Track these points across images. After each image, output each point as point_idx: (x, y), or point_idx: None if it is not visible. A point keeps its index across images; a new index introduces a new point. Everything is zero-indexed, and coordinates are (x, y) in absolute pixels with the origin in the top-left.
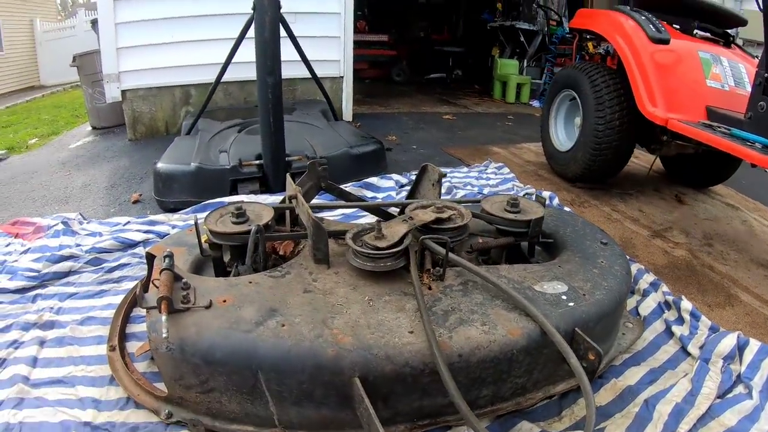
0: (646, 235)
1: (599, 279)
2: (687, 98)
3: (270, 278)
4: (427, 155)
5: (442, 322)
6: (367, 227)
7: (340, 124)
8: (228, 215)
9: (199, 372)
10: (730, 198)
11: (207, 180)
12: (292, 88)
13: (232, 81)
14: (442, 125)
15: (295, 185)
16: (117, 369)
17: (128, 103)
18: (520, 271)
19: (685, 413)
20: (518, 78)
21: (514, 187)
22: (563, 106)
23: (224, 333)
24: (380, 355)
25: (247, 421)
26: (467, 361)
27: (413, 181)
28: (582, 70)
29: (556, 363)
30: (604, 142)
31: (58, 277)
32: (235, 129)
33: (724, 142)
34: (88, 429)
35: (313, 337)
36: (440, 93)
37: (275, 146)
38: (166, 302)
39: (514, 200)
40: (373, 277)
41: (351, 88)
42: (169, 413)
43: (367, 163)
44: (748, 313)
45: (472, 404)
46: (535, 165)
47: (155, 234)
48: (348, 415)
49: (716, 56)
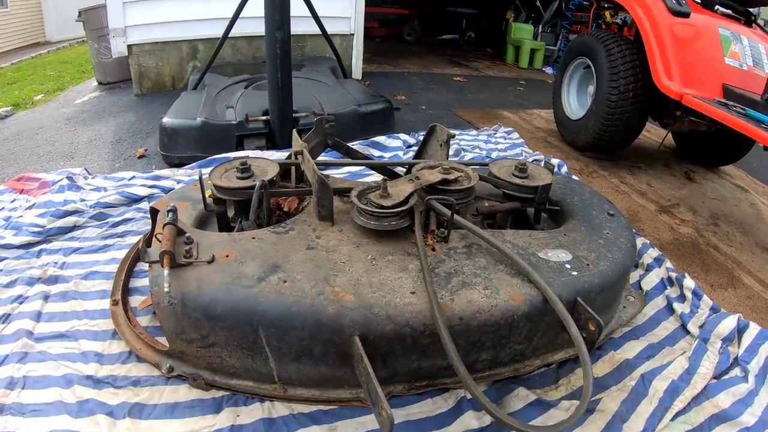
0: (653, 210)
1: (604, 250)
2: (704, 74)
3: (273, 234)
4: (436, 116)
5: (444, 284)
6: (372, 185)
7: (349, 81)
8: (233, 170)
9: (200, 327)
10: (739, 179)
11: (213, 135)
12: (302, 45)
13: (240, 36)
14: (453, 87)
15: (302, 141)
16: (120, 323)
17: (134, 57)
18: (525, 237)
19: (680, 391)
20: (532, 43)
21: (523, 153)
22: (577, 74)
23: (226, 288)
24: (381, 315)
25: (246, 376)
26: (468, 324)
27: (421, 142)
28: (598, 38)
29: (555, 331)
30: (617, 113)
31: (62, 232)
32: (243, 84)
33: (738, 122)
34: (91, 382)
35: (314, 295)
36: (452, 54)
37: (282, 102)
38: (169, 256)
39: (523, 165)
40: (376, 236)
41: (361, 45)
42: (171, 367)
43: (375, 121)
44: (749, 297)
45: (471, 368)
46: (546, 132)
47: (160, 189)
48: (346, 373)
49: (736, 34)
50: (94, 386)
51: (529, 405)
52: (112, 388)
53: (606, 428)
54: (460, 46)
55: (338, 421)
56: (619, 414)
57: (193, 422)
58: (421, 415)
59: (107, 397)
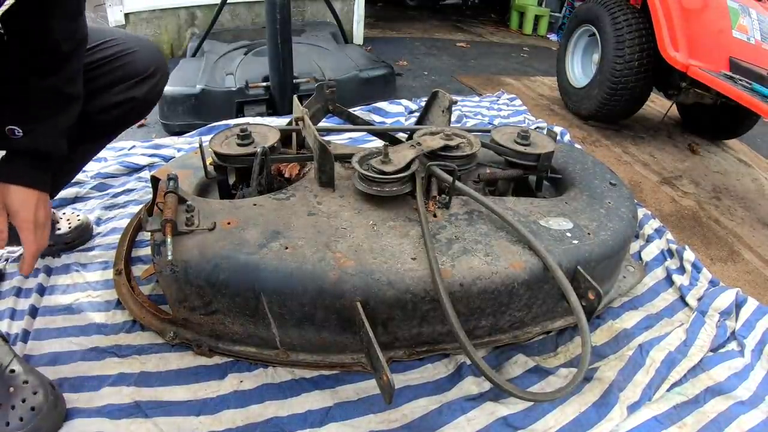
0: (655, 181)
1: (605, 219)
2: (711, 46)
3: (274, 201)
4: (438, 82)
5: (445, 250)
6: (374, 151)
7: (350, 47)
8: (233, 137)
9: (202, 294)
10: (743, 154)
11: (213, 102)
12: (302, 9)
13: (239, 1)
14: (455, 53)
15: (302, 107)
16: (123, 293)
17: (132, 26)
18: (526, 205)
19: (677, 362)
20: (537, 9)
21: (526, 120)
22: (581, 42)
23: (228, 255)
24: (382, 280)
25: (249, 342)
26: (468, 290)
27: (423, 108)
28: (604, 5)
29: (555, 299)
30: (621, 82)
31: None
32: (242, 51)
33: (744, 96)
34: (95, 353)
35: (315, 260)
36: (455, 20)
37: (283, 68)
38: (171, 224)
39: (525, 132)
40: (378, 202)
41: (363, 10)
42: (174, 334)
43: (376, 87)
44: (749, 272)
45: (470, 334)
46: (549, 99)
47: (160, 158)
48: (348, 339)
49: (745, 7)
50: (98, 357)
51: (528, 372)
52: (117, 357)
53: (603, 396)
54: (463, 11)
55: (340, 386)
56: (616, 383)
57: (198, 388)
58: (421, 380)
59: (112, 367)
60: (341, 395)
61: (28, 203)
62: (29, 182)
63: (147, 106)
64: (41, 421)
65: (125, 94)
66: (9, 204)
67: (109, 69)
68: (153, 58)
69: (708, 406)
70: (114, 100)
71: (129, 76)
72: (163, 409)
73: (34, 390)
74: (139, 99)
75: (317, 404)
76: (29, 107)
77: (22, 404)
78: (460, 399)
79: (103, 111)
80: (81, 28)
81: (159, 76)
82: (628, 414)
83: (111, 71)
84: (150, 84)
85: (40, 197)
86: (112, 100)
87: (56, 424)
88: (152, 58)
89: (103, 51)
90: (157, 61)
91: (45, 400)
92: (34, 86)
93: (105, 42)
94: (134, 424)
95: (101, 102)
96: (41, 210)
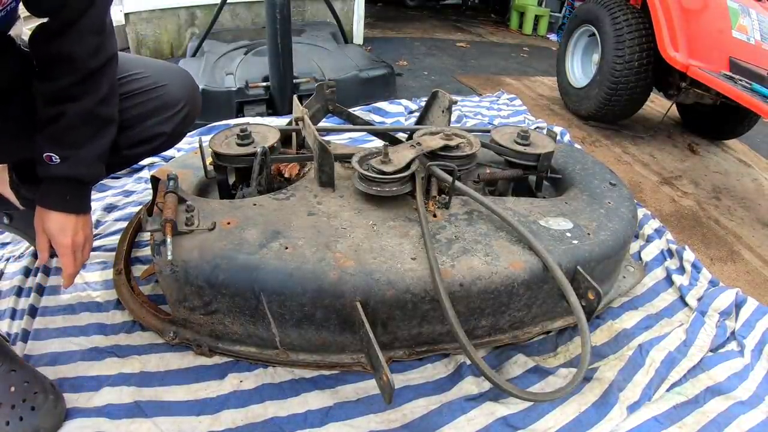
0: (655, 181)
1: (605, 219)
2: (710, 46)
3: (274, 201)
4: (438, 82)
5: (445, 250)
6: (373, 151)
7: (350, 47)
8: (233, 137)
9: (202, 294)
10: (743, 154)
11: (213, 102)
12: (302, 9)
13: (239, 1)
14: (455, 53)
15: (302, 107)
16: (123, 293)
17: (132, 26)
18: (526, 205)
19: (677, 362)
20: (537, 9)
21: (526, 120)
22: (581, 42)
23: (228, 255)
24: (382, 280)
25: (249, 343)
26: (468, 290)
27: (422, 108)
28: (604, 5)
29: (555, 300)
30: (621, 82)
31: None
32: (242, 51)
33: (743, 96)
34: (95, 353)
35: (315, 260)
36: (454, 20)
37: (283, 68)
38: (170, 224)
39: (525, 132)
40: (377, 202)
41: (362, 10)
42: (174, 334)
43: (376, 87)
44: (748, 272)
45: (470, 334)
46: (549, 99)
47: (160, 158)
48: (348, 338)
49: (745, 7)
50: (98, 357)
51: (528, 372)
52: (117, 357)
53: (603, 396)
54: (463, 11)
55: (340, 385)
56: (616, 383)
57: (198, 388)
58: (421, 380)
59: (112, 367)
60: (341, 395)
61: (66, 229)
62: (67, 208)
63: (175, 139)
64: (41, 421)
65: (154, 129)
66: (48, 229)
67: (139, 102)
68: (184, 91)
69: (708, 406)
70: (142, 136)
71: (159, 111)
72: (163, 409)
73: (35, 390)
74: (167, 134)
75: (317, 404)
76: (65, 134)
77: (23, 404)
78: (460, 399)
79: (134, 145)
80: (108, 44)
81: (189, 109)
82: (627, 414)
83: (140, 105)
84: (179, 118)
85: (78, 221)
86: (141, 135)
87: (56, 423)
88: (183, 92)
89: (131, 84)
90: (188, 94)
91: (45, 400)
92: (69, 111)
93: (135, 74)
94: (134, 424)
95: (128, 136)
96: (79, 234)
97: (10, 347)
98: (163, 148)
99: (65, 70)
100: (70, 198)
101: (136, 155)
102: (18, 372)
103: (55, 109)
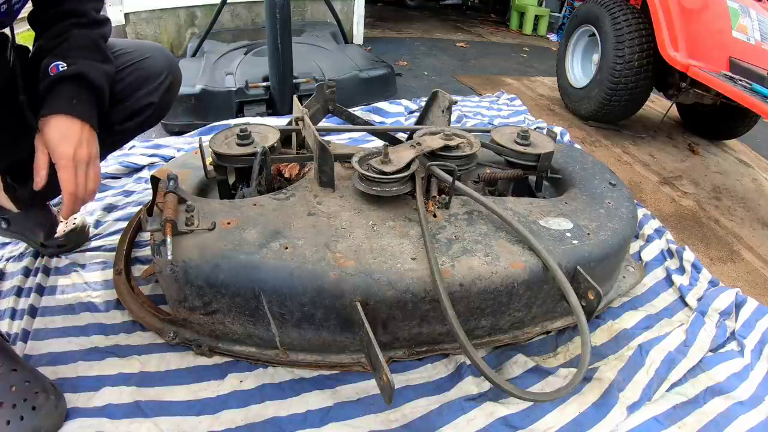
0: (655, 181)
1: (605, 219)
2: (710, 46)
3: (274, 201)
4: (438, 82)
5: (445, 250)
6: (373, 151)
7: (350, 47)
8: (233, 137)
9: (202, 294)
10: (743, 154)
11: (213, 102)
12: (302, 9)
13: (239, 1)
14: (455, 53)
15: (302, 107)
16: (123, 293)
17: (132, 26)
18: (526, 205)
19: (677, 362)
20: (537, 9)
21: (526, 120)
22: (581, 42)
23: (228, 255)
24: (382, 280)
25: (249, 342)
26: (468, 290)
27: (422, 108)
28: (604, 5)
29: (555, 300)
30: (621, 83)
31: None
32: (242, 51)
33: (744, 96)
34: (95, 353)
35: (315, 260)
36: (454, 20)
37: (283, 68)
38: (170, 224)
39: (525, 132)
40: (377, 202)
41: (363, 10)
42: (174, 334)
43: (376, 87)
44: (748, 272)
45: (470, 334)
46: (549, 99)
47: (160, 158)
48: (348, 338)
49: (745, 7)
50: (98, 357)
51: (528, 372)
52: (117, 357)
53: (603, 396)
54: (463, 11)
55: (340, 385)
56: (616, 383)
57: (198, 388)
58: (421, 380)
59: (112, 367)
60: (341, 395)
61: (69, 136)
62: (73, 111)
63: (163, 110)
64: (42, 421)
65: (143, 100)
66: (49, 139)
67: (128, 74)
68: (166, 62)
69: (708, 407)
70: (134, 107)
71: (146, 82)
72: (163, 409)
73: (36, 389)
74: (157, 103)
75: (317, 404)
76: (71, 50)
77: (24, 403)
78: (459, 399)
79: (126, 119)
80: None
81: (173, 78)
82: (627, 414)
83: (129, 76)
84: (164, 88)
85: (84, 130)
86: (132, 108)
87: (57, 423)
88: (165, 63)
89: (119, 58)
90: (169, 64)
91: (46, 400)
92: (75, 34)
93: (119, 49)
94: (134, 424)
95: (122, 111)
96: (83, 146)
97: (10, 347)
98: (151, 120)
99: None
100: (76, 102)
101: (128, 130)
102: (19, 372)
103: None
